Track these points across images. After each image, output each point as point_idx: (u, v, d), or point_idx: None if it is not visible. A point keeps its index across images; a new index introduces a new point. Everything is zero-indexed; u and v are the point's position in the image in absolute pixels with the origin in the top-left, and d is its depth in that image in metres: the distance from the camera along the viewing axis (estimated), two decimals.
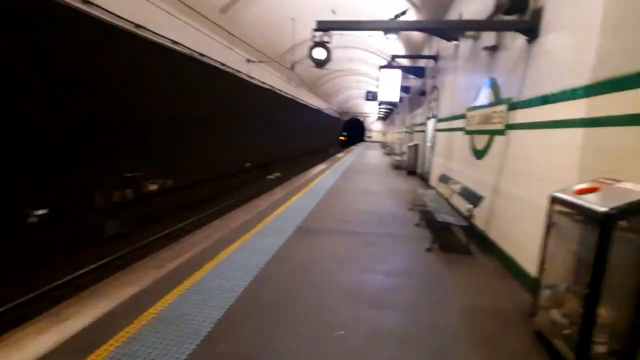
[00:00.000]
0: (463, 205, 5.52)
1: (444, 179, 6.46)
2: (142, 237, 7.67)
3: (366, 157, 21.97)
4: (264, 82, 17.90)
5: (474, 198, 4.46)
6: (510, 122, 4.21)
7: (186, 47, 10.65)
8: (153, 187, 10.00)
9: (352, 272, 3.71)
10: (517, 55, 4.18)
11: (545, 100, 3.37)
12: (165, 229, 8.30)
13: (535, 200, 3.41)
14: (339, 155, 23.18)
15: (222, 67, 13.40)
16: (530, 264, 3.39)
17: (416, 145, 12.47)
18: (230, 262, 3.83)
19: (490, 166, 4.81)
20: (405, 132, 18.58)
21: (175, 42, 10.30)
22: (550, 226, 2.55)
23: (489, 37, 5.11)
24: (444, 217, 4.45)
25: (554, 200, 2.49)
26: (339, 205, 7.09)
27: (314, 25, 4.10)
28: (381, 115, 39.97)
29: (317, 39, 4.11)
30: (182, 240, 4.73)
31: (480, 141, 5.31)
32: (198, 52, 11.66)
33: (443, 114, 8.52)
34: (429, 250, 4.44)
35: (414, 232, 5.32)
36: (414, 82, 15.15)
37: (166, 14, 9.50)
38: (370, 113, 49.40)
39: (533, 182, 3.50)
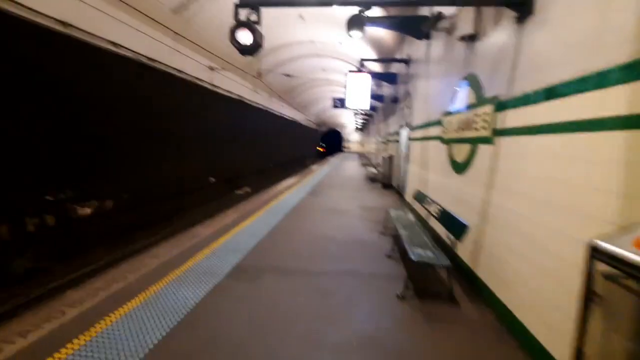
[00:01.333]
0: (443, 230, 4.49)
1: (419, 197, 5.44)
2: (57, 276, 6.19)
3: (341, 168, 21.02)
4: (230, 92, 16.71)
5: (456, 227, 3.41)
6: (499, 126, 3.23)
7: (128, 48, 9.36)
8: (85, 210, 8.50)
9: (288, 349, 2.52)
10: (504, 41, 3.23)
11: (550, 93, 2.38)
12: (89, 262, 6.83)
13: (542, 237, 2.38)
14: (314, 167, 22.12)
15: (179, 74, 12.16)
16: (538, 327, 2.33)
17: (391, 157, 11.56)
18: (111, 336, 2.56)
19: (473, 183, 3.81)
20: (380, 142, 17.80)
21: (115, 44, 9.02)
22: (590, 299, 1.49)
23: (465, 26, 4.18)
24: (419, 254, 3.36)
25: (597, 253, 1.43)
26: (298, 230, 5.92)
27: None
28: (358, 126, 39.55)
29: (241, 18, 3.00)
30: (61, 297, 3.41)
31: (460, 151, 4.32)
32: (146, 57, 10.40)
33: (417, 121, 7.61)
34: (401, 298, 3.33)
35: (384, 268, 4.21)
36: (387, 89, 14.41)
37: (98, 12, 8.22)
38: (348, 123, 49.01)
39: (540, 209, 2.47)
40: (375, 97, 16.97)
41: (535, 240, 2.49)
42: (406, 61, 9.04)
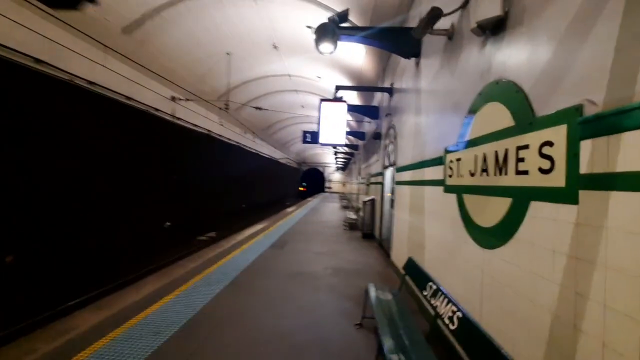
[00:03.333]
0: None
1: (415, 274, 3.61)
2: None
3: (320, 211, 19.18)
4: (196, 125, 15.08)
5: None
6: (594, 168, 1.53)
7: (57, 67, 7.64)
8: None
9: None
10: (574, 15, 1.66)
11: None
12: None
13: None
14: (290, 209, 20.21)
15: (128, 102, 10.44)
16: None
17: (372, 201, 9.85)
18: None
19: (524, 271, 2.04)
20: (362, 183, 16.25)
21: (38, 61, 7.31)
22: None
23: (485, 9, 2.64)
24: None
25: None
26: (233, 319, 3.89)
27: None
28: (340, 165, 38.46)
29: None
30: None
31: (487, 209, 2.60)
32: (85, 79, 8.70)
33: (404, 160, 6.01)
34: None
35: None
36: (369, 126, 13.15)
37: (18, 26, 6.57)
38: (330, 163, 48.03)
39: None
40: (356, 134, 15.71)
41: None
42: (389, 90, 7.68)
